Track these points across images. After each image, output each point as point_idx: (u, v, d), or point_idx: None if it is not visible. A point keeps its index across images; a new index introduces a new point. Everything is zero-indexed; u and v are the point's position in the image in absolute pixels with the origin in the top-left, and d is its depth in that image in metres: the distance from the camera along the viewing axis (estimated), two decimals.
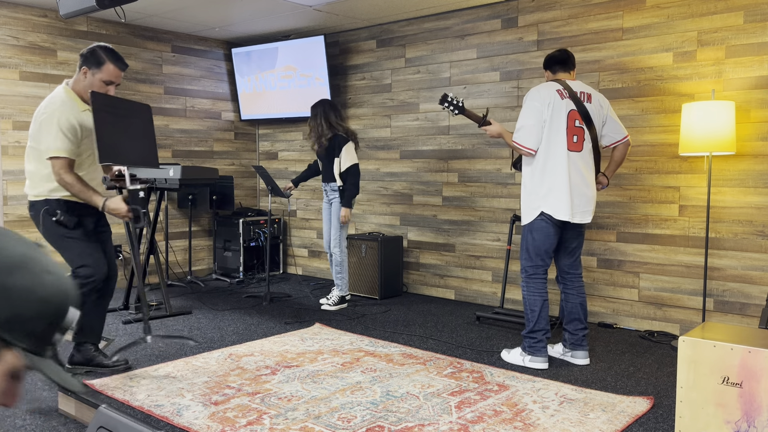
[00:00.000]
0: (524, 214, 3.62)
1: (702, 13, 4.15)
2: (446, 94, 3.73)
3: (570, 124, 3.51)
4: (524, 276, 3.65)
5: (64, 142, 3.14)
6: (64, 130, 3.15)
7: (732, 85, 4.05)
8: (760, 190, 3.99)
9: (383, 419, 2.84)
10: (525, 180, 3.62)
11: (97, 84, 3.25)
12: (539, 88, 3.56)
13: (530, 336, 3.60)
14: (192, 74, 6.48)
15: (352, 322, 4.65)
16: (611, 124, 3.67)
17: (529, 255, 3.61)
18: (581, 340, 3.66)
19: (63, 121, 3.16)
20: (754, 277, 4.01)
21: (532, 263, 3.60)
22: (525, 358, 3.63)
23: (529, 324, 3.61)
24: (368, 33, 5.98)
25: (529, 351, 3.61)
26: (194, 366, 3.57)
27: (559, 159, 3.49)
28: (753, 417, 2.32)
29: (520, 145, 3.53)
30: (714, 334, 2.48)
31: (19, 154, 5.29)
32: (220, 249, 6.56)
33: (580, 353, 3.67)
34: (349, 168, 4.90)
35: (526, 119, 3.53)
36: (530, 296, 3.61)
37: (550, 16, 4.82)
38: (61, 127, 3.14)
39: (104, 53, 3.26)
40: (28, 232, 5.37)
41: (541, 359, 3.58)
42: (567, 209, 3.49)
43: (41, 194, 3.26)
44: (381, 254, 5.42)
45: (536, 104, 3.52)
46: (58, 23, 5.49)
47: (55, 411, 3.20)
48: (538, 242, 3.56)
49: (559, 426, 2.79)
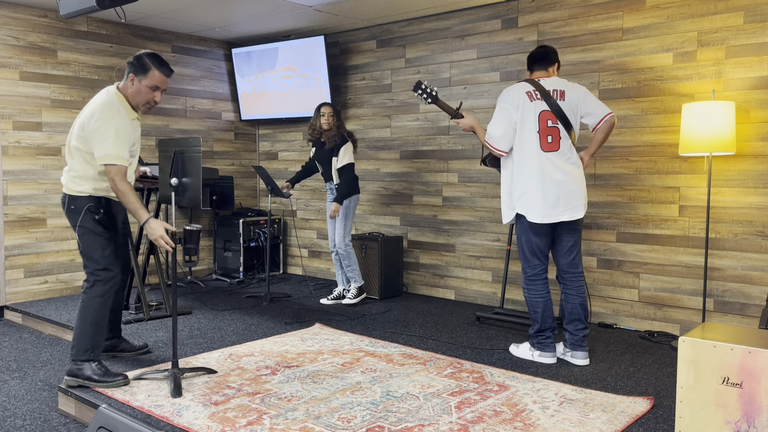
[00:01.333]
0: (503, 214, 3.72)
1: (702, 13, 4.16)
2: (420, 81, 3.74)
3: (542, 126, 3.53)
4: (524, 278, 3.69)
5: (122, 150, 3.19)
6: (123, 138, 3.21)
7: (732, 86, 4.05)
8: (760, 190, 3.99)
9: (383, 419, 2.84)
10: (503, 179, 3.71)
11: (144, 90, 3.30)
12: (509, 90, 3.60)
13: (538, 335, 3.70)
14: (192, 74, 6.48)
15: (352, 322, 4.65)
16: (589, 106, 3.60)
17: (525, 256, 3.67)
18: (581, 340, 3.66)
19: (121, 130, 3.21)
20: (754, 278, 4.01)
21: (529, 264, 3.65)
22: (534, 353, 3.72)
23: (534, 325, 3.69)
24: (368, 33, 5.98)
25: (538, 347, 3.70)
26: (194, 366, 3.57)
27: (531, 161, 3.52)
28: (753, 417, 2.32)
29: (491, 146, 3.61)
30: (714, 335, 2.49)
31: (19, 155, 5.30)
32: (220, 249, 6.56)
33: (579, 353, 3.67)
34: (345, 166, 5.02)
35: (497, 121, 3.59)
36: (531, 298, 3.67)
37: (550, 16, 4.82)
38: (120, 135, 3.20)
39: (150, 60, 3.30)
40: (28, 232, 5.38)
41: (549, 354, 3.68)
42: (539, 211, 3.52)
43: (86, 191, 3.31)
44: (381, 254, 5.42)
45: (506, 106, 3.58)
46: (58, 23, 5.49)
47: (55, 411, 3.21)
48: (529, 242, 3.62)
49: (559, 426, 2.79)
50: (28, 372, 3.79)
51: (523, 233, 3.64)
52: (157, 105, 3.38)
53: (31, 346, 4.35)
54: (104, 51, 5.79)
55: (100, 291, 3.27)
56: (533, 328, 3.70)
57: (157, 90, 3.33)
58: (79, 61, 5.63)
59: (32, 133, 5.38)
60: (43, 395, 3.41)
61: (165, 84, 3.35)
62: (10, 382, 3.60)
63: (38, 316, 4.81)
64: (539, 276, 3.64)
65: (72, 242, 5.64)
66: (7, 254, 5.26)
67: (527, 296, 3.68)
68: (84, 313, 3.26)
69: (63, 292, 5.60)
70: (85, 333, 3.26)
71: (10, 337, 4.60)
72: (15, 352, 4.20)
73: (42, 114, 5.42)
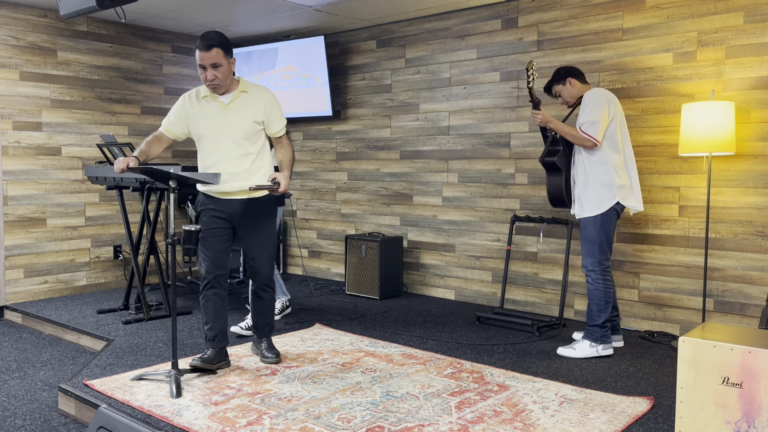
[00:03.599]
0: (591, 206, 3.78)
1: (702, 13, 4.16)
2: (532, 61, 3.89)
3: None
4: (599, 270, 3.78)
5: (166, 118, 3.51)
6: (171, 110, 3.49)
7: (732, 86, 4.05)
8: (760, 190, 3.99)
9: (383, 419, 2.84)
10: (599, 173, 3.77)
11: (199, 72, 3.35)
12: (604, 90, 3.81)
13: (602, 326, 3.79)
14: (192, 74, 6.48)
15: (352, 322, 4.65)
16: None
17: (604, 248, 3.78)
18: (618, 324, 4.03)
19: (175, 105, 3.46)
20: (754, 278, 4.01)
21: (606, 255, 3.80)
22: (598, 348, 3.81)
23: (602, 315, 3.78)
24: (368, 33, 5.99)
25: (602, 340, 3.80)
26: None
27: (631, 155, 3.84)
28: (753, 417, 2.32)
29: (589, 135, 3.71)
30: (714, 335, 2.49)
31: (19, 155, 5.30)
32: None
33: (617, 336, 4.03)
34: None
35: (598, 114, 3.72)
36: (608, 289, 3.80)
37: (550, 16, 4.82)
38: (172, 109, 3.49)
39: (197, 42, 3.35)
40: (28, 232, 5.38)
41: (610, 345, 3.85)
42: (640, 201, 3.85)
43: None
44: (381, 254, 5.42)
45: (604, 99, 3.76)
46: (58, 23, 5.49)
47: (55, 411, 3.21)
48: (609, 233, 3.78)
49: (559, 426, 2.79)
50: (28, 372, 3.79)
51: (606, 224, 3.76)
52: (214, 82, 3.31)
53: (31, 346, 4.35)
54: (104, 51, 5.79)
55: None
56: (598, 319, 3.78)
57: (203, 69, 3.31)
58: (79, 61, 5.63)
59: (32, 133, 5.38)
60: (43, 395, 3.41)
61: (204, 60, 3.28)
62: (10, 382, 3.60)
63: (38, 316, 4.81)
64: (608, 266, 3.83)
65: (72, 242, 5.64)
66: (7, 254, 5.26)
67: (604, 288, 3.77)
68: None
69: (63, 292, 5.60)
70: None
71: (10, 337, 4.60)
72: (15, 352, 4.20)
73: (42, 114, 5.43)
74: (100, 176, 4.72)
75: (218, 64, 3.28)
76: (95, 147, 5.74)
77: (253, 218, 3.47)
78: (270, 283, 3.60)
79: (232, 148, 3.38)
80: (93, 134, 5.74)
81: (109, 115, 5.86)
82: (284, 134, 3.57)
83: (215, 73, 3.29)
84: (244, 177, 3.40)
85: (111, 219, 5.90)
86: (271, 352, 3.64)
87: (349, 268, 5.63)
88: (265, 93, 3.49)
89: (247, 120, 3.39)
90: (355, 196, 6.17)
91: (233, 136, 3.37)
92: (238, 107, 3.39)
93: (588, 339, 3.81)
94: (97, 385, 3.24)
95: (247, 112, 3.39)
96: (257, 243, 3.49)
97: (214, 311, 3.47)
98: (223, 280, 3.47)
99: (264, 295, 3.61)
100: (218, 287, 3.46)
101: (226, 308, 3.53)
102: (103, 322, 4.58)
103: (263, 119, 3.44)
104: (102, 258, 5.85)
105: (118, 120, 5.92)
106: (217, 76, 3.29)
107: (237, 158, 3.39)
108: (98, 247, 5.82)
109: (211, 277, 3.44)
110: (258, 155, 3.45)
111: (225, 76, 3.32)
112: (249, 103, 3.41)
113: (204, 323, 3.49)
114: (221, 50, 3.28)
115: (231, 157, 3.38)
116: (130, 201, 6.00)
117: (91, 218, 5.76)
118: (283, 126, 3.55)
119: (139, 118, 6.07)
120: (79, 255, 5.69)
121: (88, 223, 5.74)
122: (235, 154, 3.38)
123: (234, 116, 3.38)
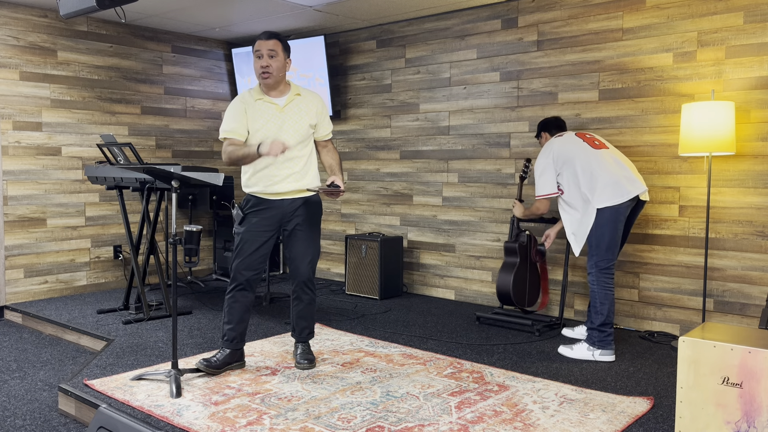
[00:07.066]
0: (582, 229, 3.83)
1: (702, 13, 4.16)
2: (530, 159, 4.40)
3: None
4: (595, 271, 3.76)
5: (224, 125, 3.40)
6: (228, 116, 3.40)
7: (732, 86, 4.05)
8: (760, 190, 3.99)
9: (383, 419, 2.84)
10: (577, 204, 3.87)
11: (254, 62, 3.37)
12: (549, 145, 3.95)
13: (601, 329, 3.74)
14: (192, 74, 6.48)
15: (352, 322, 4.65)
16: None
17: (601, 250, 3.76)
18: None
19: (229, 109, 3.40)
20: (754, 278, 4.01)
21: (603, 257, 3.77)
22: (594, 352, 3.76)
23: (598, 318, 3.74)
24: (368, 33, 5.99)
25: (600, 345, 3.75)
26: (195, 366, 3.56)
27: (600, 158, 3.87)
28: (753, 417, 2.32)
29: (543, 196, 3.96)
30: (714, 335, 2.49)
31: (19, 155, 5.30)
32: (220, 249, 6.56)
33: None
34: None
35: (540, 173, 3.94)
36: (604, 291, 3.77)
37: (550, 16, 4.82)
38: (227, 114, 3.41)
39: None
40: (28, 232, 5.38)
41: (610, 351, 3.76)
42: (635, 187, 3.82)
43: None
44: (381, 254, 5.42)
45: (546, 161, 3.90)
46: (58, 23, 5.49)
47: (55, 411, 3.21)
48: (608, 236, 3.77)
49: (559, 426, 2.79)
50: (28, 372, 3.79)
51: (603, 226, 3.76)
52: (266, 72, 3.30)
53: (31, 346, 4.35)
54: (104, 51, 5.79)
55: None
56: (597, 321, 3.74)
57: (258, 57, 3.32)
58: (79, 61, 5.63)
59: (32, 133, 5.38)
60: (43, 395, 3.41)
61: (261, 46, 3.30)
62: (10, 382, 3.60)
63: (38, 316, 4.81)
64: (611, 270, 3.80)
65: (72, 242, 5.64)
66: (7, 254, 5.26)
67: (599, 290, 3.75)
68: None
69: (63, 292, 5.60)
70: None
71: (10, 337, 4.60)
72: (15, 352, 4.21)
73: (42, 114, 5.43)
74: (100, 176, 4.72)
75: (275, 54, 3.31)
76: (95, 147, 5.74)
77: (304, 218, 3.48)
78: (310, 285, 3.58)
79: (288, 150, 3.39)
80: (93, 134, 5.74)
81: (109, 115, 5.86)
82: (330, 138, 3.62)
83: (270, 61, 3.30)
84: (297, 178, 3.43)
85: (111, 219, 5.90)
86: (305, 358, 3.58)
87: (349, 268, 5.63)
88: (317, 96, 3.53)
89: (303, 123, 3.42)
90: (355, 196, 6.17)
91: (290, 138, 3.39)
92: (294, 110, 3.41)
93: (587, 342, 3.80)
94: (97, 385, 3.24)
95: (303, 115, 3.42)
96: (304, 242, 3.49)
97: (240, 313, 3.47)
98: (255, 284, 3.48)
99: (304, 297, 3.58)
100: (249, 290, 3.47)
101: (251, 312, 3.53)
102: (103, 322, 4.58)
103: (316, 122, 3.48)
104: (102, 258, 5.85)
105: (118, 120, 5.93)
106: (271, 64, 3.30)
107: (292, 160, 3.41)
108: (98, 247, 5.82)
109: (243, 279, 3.43)
110: (309, 157, 3.49)
111: (278, 69, 3.33)
112: (304, 106, 3.44)
113: (226, 322, 3.48)
114: (280, 43, 3.34)
115: (287, 159, 3.40)
116: (130, 201, 6.00)
117: (91, 218, 5.76)
118: (331, 129, 3.59)
119: (139, 118, 6.08)
120: (79, 255, 5.69)
121: (88, 223, 5.74)
122: (290, 156, 3.40)
123: (291, 119, 3.40)
